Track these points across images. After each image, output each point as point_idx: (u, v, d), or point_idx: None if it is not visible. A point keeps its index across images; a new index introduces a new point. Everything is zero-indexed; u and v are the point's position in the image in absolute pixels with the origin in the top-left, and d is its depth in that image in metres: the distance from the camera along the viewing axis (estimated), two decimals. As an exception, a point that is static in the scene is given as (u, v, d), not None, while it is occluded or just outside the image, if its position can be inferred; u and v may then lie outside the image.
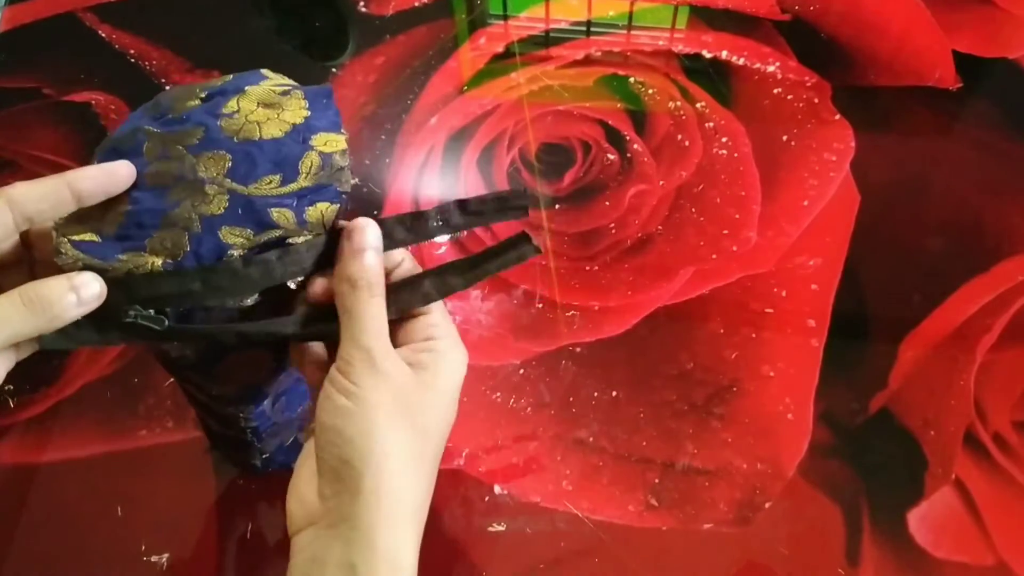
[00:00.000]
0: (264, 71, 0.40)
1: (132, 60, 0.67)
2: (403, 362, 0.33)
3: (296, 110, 0.37)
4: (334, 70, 0.65)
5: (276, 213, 0.35)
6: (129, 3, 0.70)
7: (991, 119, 0.61)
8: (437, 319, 0.35)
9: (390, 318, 0.34)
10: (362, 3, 0.68)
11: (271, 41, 0.69)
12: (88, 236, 0.33)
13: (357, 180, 0.51)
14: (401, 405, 0.32)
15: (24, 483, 0.49)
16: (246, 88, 0.38)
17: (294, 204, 0.35)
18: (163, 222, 0.33)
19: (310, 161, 0.36)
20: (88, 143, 0.62)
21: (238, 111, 0.37)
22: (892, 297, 0.54)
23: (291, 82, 0.39)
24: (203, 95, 0.37)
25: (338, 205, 0.35)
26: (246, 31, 0.69)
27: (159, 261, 0.33)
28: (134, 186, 0.35)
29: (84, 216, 0.33)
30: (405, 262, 0.36)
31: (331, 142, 0.37)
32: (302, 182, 0.35)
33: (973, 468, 0.49)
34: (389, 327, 0.34)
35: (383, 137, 0.61)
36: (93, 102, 0.65)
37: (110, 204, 0.33)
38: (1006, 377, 0.52)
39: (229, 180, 0.35)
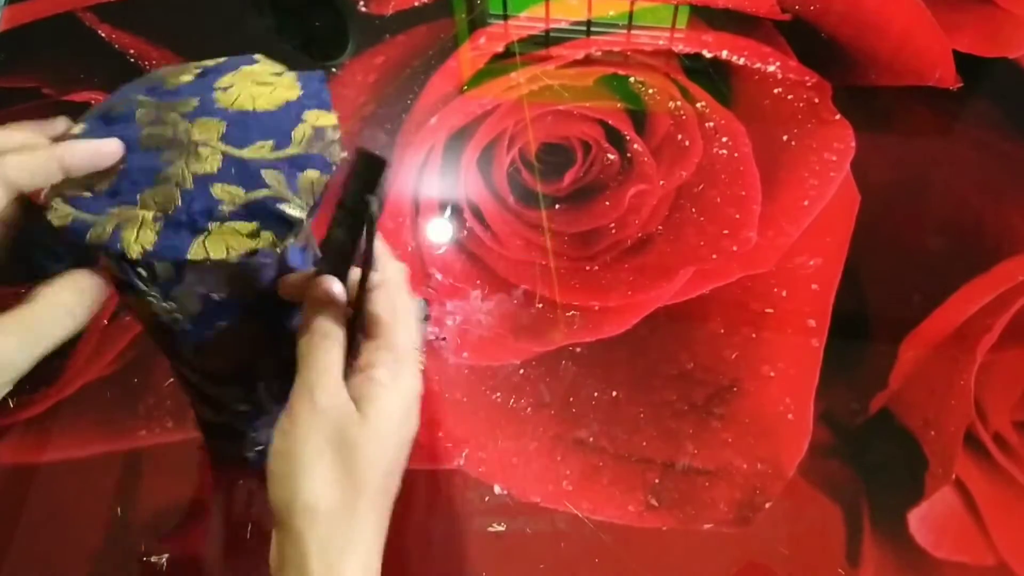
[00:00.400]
0: (256, 55, 0.41)
1: (132, 60, 0.67)
2: (345, 396, 0.32)
3: (289, 88, 0.39)
4: (334, 70, 0.65)
5: (268, 174, 0.36)
6: (129, 3, 0.69)
7: (991, 119, 0.61)
8: (385, 339, 0.34)
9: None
10: (362, 3, 0.68)
11: (271, 41, 0.69)
12: (80, 192, 0.34)
13: (346, 155, 0.51)
14: (335, 442, 0.31)
15: (24, 483, 0.49)
16: (241, 67, 0.40)
17: (285, 169, 0.36)
18: (156, 179, 0.34)
19: (303, 131, 0.37)
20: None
21: (232, 86, 0.38)
22: (892, 297, 0.54)
23: (283, 66, 0.41)
24: (198, 71, 0.39)
25: (328, 176, 0.36)
26: (246, 31, 0.69)
27: (149, 215, 0.33)
28: (127, 150, 0.36)
29: (77, 179, 0.35)
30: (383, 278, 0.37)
31: (323, 118, 0.38)
32: (294, 149, 0.37)
33: (973, 468, 0.49)
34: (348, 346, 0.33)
35: (383, 136, 0.61)
36: (93, 102, 0.64)
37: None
38: (1006, 377, 0.51)
39: (223, 143, 0.36)
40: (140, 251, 0.33)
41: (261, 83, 0.39)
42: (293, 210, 0.35)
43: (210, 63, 0.40)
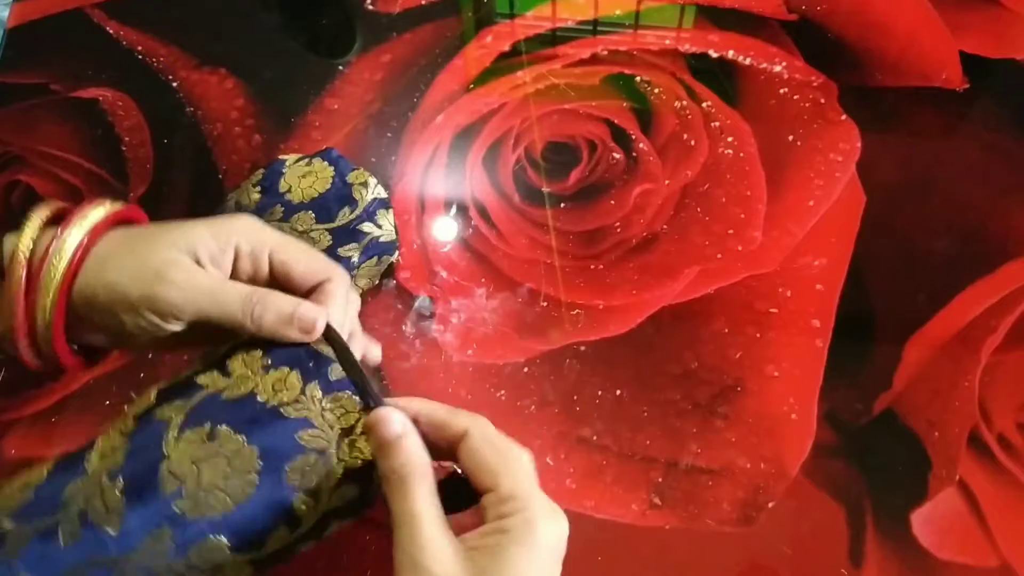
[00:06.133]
0: (281, 156, 0.56)
1: (140, 57, 0.67)
2: (457, 553, 0.29)
3: (323, 169, 0.55)
4: (340, 67, 0.65)
5: (363, 226, 0.52)
6: (137, 0, 0.70)
7: (998, 120, 0.61)
8: (507, 491, 0.31)
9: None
10: (369, 1, 0.68)
11: (278, 38, 0.69)
12: None
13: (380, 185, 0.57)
14: None
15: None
16: (283, 171, 0.55)
17: (366, 218, 0.53)
18: None
19: (359, 193, 0.53)
20: (95, 139, 0.63)
21: (291, 187, 0.54)
22: (897, 298, 0.54)
23: (303, 154, 0.56)
24: (256, 188, 0.54)
25: (391, 208, 0.54)
26: (253, 28, 0.69)
27: None
28: None
29: None
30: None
31: (358, 175, 0.55)
32: (362, 205, 0.53)
33: (977, 470, 0.49)
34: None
35: (389, 135, 0.62)
36: (101, 98, 0.65)
37: None
38: (1011, 379, 0.51)
39: (321, 225, 0.52)
40: None
41: (304, 175, 0.54)
42: (390, 233, 0.53)
43: (257, 176, 0.55)
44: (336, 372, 0.35)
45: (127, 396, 0.52)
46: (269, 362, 0.35)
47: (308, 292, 0.38)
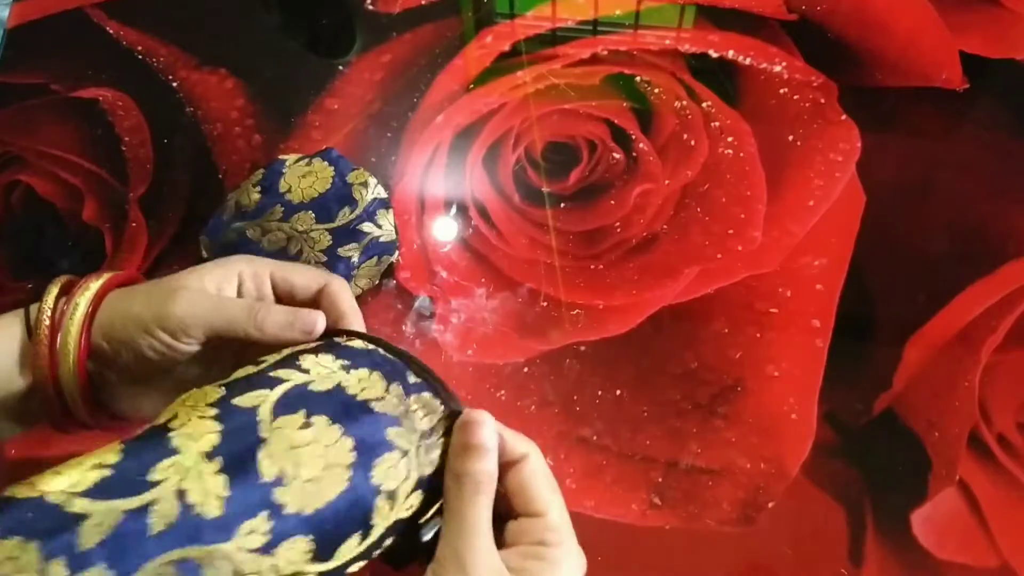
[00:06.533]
0: (281, 156, 0.57)
1: (140, 57, 0.67)
2: (502, 568, 0.31)
3: (323, 169, 0.56)
4: (340, 67, 0.65)
5: (363, 226, 0.53)
6: (137, 0, 0.70)
7: (998, 120, 0.61)
8: (555, 521, 0.33)
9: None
10: (369, 1, 0.68)
11: (278, 38, 0.69)
12: None
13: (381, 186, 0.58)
14: None
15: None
16: (282, 171, 0.56)
17: (366, 218, 0.54)
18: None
19: (359, 193, 0.54)
20: (95, 139, 0.63)
21: (291, 187, 0.54)
22: (897, 298, 0.54)
23: (303, 154, 0.57)
24: (257, 188, 0.55)
25: (391, 208, 0.56)
26: (253, 28, 0.69)
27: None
28: (263, 255, 0.45)
29: None
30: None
31: (358, 175, 0.55)
32: (362, 205, 0.54)
33: (977, 470, 0.49)
34: (494, 511, 0.32)
35: (389, 135, 0.62)
36: (101, 98, 0.65)
37: None
38: (1011, 379, 0.51)
39: (321, 224, 0.53)
40: None
41: (304, 175, 0.55)
42: (390, 233, 0.54)
43: (257, 176, 0.56)
44: (412, 376, 0.34)
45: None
46: (345, 363, 0.34)
47: (312, 301, 0.40)
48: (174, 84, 0.65)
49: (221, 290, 0.39)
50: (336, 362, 0.34)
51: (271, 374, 0.33)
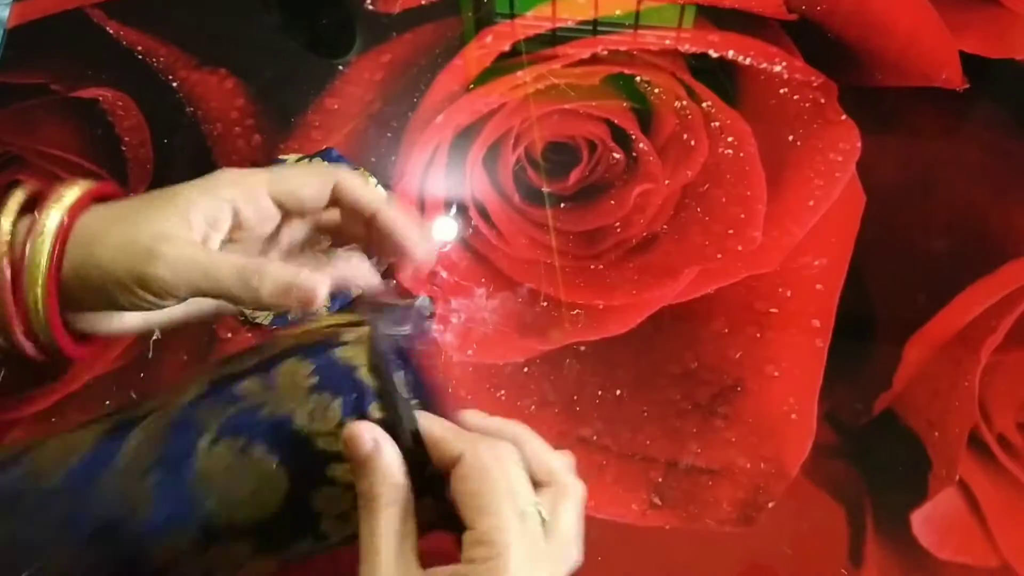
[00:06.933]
0: (281, 156, 0.57)
1: (139, 57, 0.67)
2: None
3: (320, 165, 0.55)
4: (340, 67, 0.65)
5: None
6: (137, 0, 0.70)
7: (998, 120, 0.61)
8: (485, 534, 0.28)
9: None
10: (369, 1, 0.68)
11: (278, 38, 0.69)
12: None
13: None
14: None
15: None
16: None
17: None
18: None
19: None
20: (96, 139, 0.63)
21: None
22: (897, 298, 0.54)
23: (303, 154, 0.56)
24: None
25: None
26: (253, 28, 0.69)
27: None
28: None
29: None
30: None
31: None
32: None
33: (977, 470, 0.49)
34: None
35: (389, 135, 0.62)
36: (101, 98, 0.65)
37: None
38: (1011, 379, 0.51)
39: None
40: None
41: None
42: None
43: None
44: (376, 412, 0.32)
45: (127, 396, 0.52)
46: (316, 381, 0.33)
47: (330, 205, 0.37)
48: (174, 84, 0.65)
49: (210, 234, 0.35)
50: (306, 380, 0.33)
51: (236, 388, 0.34)
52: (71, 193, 0.35)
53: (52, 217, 0.34)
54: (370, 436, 0.30)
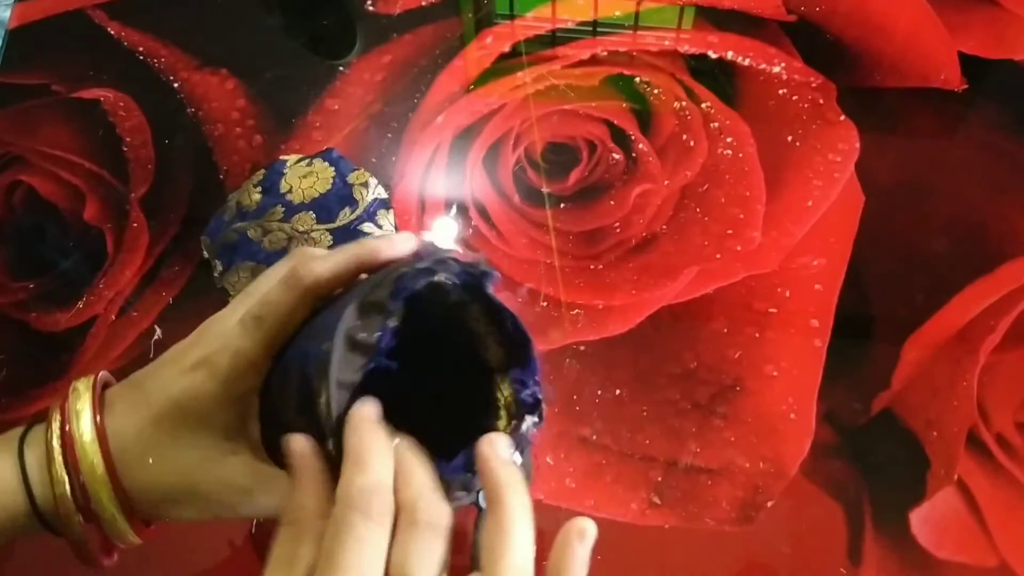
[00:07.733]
0: (282, 157, 0.58)
1: (141, 57, 0.67)
2: None
3: (324, 169, 0.57)
4: (341, 68, 0.65)
5: (364, 226, 0.54)
6: (138, 1, 0.70)
7: (996, 121, 0.61)
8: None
9: None
10: (369, 2, 0.68)
11: (279, 39, 0.69)
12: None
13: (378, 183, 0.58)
14: None
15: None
16: (283, 171, 0.57)
17: (367, 218, 0.55)
18: None
19: (359, 193, 0.55)
20: (97, 140, 0.63)
21: (292, 188, 0.56)
22: (896, 298, 0.55)
23: (304, 154, 0.58)
24: (258, 189, 0.56)
25: (392, 208, 0.56)
26: (254, 29, 0.69)
27: None
28: (264, 255, 0.53)
29: None
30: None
31: (358, 176, 0.57)
32: (363, 206, 0.55)
33: (976, 469, 0.49)
34: None
35: (389, 135, 0.62)
36: (102, 99, 0.65)
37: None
38: (1009, 378, 0.52)
39: (322, 225, 0.54)
40: None
41: (305, 176, 0.56)
42: (391, 234, 0.54)
43: (258, 177, 0.57)
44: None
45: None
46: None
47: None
48: (175, 85, 0.65)
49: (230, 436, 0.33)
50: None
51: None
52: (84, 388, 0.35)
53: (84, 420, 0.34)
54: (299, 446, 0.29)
